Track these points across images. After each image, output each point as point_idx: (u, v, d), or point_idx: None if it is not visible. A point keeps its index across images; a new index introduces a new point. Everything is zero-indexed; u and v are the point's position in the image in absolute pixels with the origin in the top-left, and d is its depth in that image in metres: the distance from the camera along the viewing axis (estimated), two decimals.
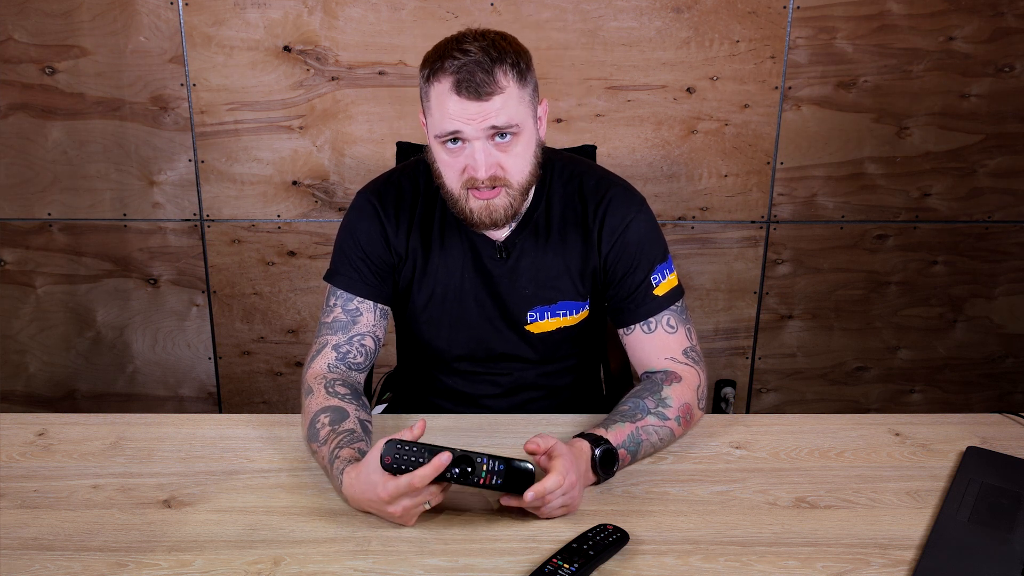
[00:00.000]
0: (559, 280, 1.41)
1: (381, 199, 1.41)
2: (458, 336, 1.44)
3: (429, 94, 1.26)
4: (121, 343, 2.57)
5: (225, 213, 2.45)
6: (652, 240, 1.40)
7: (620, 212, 1.39)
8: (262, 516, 1.14)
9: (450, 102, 1.23)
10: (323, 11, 2.28)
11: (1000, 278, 2.55)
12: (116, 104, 2.36)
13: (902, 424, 1.38)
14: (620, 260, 1.39)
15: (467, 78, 1.21)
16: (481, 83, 1.21)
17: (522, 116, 1.26)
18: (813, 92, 2.37)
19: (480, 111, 1.22)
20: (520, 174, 1.29)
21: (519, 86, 1.25)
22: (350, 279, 1.39)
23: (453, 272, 1.41)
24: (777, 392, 2.66)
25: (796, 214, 2.48)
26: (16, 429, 1.36)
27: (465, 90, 1.22)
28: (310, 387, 1.32)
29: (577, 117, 2.37)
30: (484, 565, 1.04)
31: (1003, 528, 1.10)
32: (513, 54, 1.25)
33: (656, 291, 1.39)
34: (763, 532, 1.11)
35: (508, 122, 1.24)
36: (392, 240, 1.40)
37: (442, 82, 1.23)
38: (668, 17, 2.30)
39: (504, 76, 1.23)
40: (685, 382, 1.35)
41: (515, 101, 1.24)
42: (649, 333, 1.40)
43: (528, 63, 1.28)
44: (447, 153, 1.28)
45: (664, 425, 1.28)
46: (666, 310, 1.40)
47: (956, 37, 2.33)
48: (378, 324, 1.40)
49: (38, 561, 1.05)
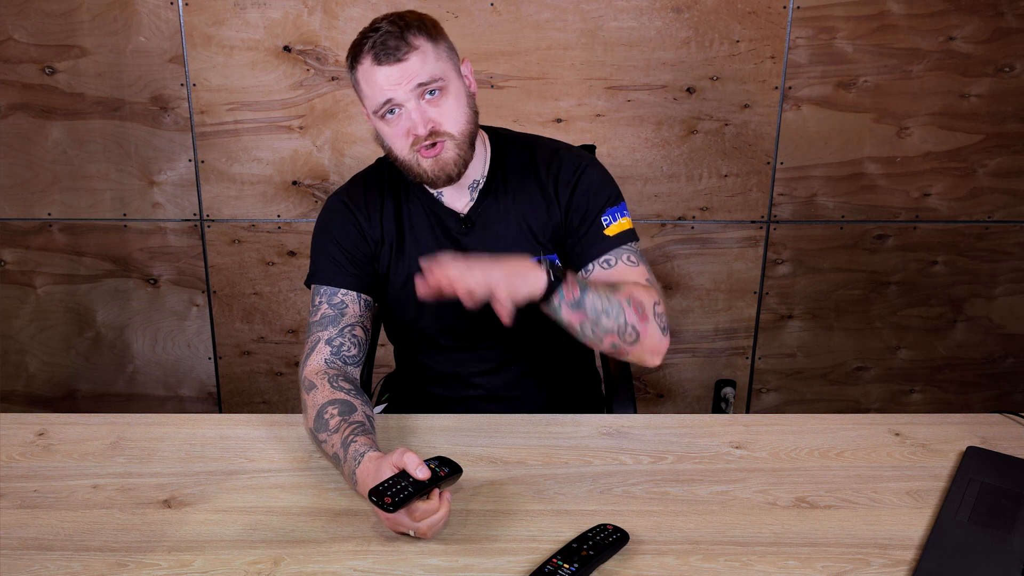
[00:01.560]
0: (526, 242, 1.45)
1: (350, 195, 1.49)
2: (438, 311, 1.47)
3: (358, 79, 1.34)
4: (121, 343, 2.57)
5: (225, 213, 2.45)
6: (602, 185, 1.45)
7: (570, 166, 1.45)
8: (262, 516, 1.14)
9: (375, 75, 1.31)
10: (323, 11, 2.28)
11: (1000, 278, 2.55)
12: (116, 104, 2.36)
13: (902, 424, 1.38)
14: (575, 208, 1.44)
15: (382, 48, 1.30)
16: (395, 47, 1.30)
17: (443, 70, 1.33)
18: (813, 92, 2.37)
19: (402, 73, 1.30)
20: (457, 124, 1.35)
21: (432, 43, 1.33)
22: (331, 273, 1.44)
23: (424, 249, 1.45)
24: (777, 392, 2.66)
25: (796, 214, 2.48)
26: (16, 429, 1.36)
27: (383, 57, 1.30)
28: (312, 382, 1.34)
29: (577, 117, 2.37)
30: (484, 565, 1.04)
31: (1003, 528, 1.10)
32: (417, 21, 1.33)
33: (607, 231, 1.43)
34: (763, 532, 1.11)
35: (431, 76, 1.31)
36: (367, 230, 1.46)
37: (363, 62, 1.32)
38: (668, 17, 2.30)
39: (415, 37, 1.31)
40: (643, 288, 1.35)
41: (432, 57, 1.32)
42: (609, 268, 1.41)
43: (434, 24, 1.36)
44: (388, 125, 1.35)
45: (611, 296, 1.29)
46: (623, 248, 1.42)
47: (956, 37, 2.33)
48: (364, 314, 1.44)
49: (38, 561, 1.05)
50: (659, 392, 2.65)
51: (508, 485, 1.21)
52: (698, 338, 2.59)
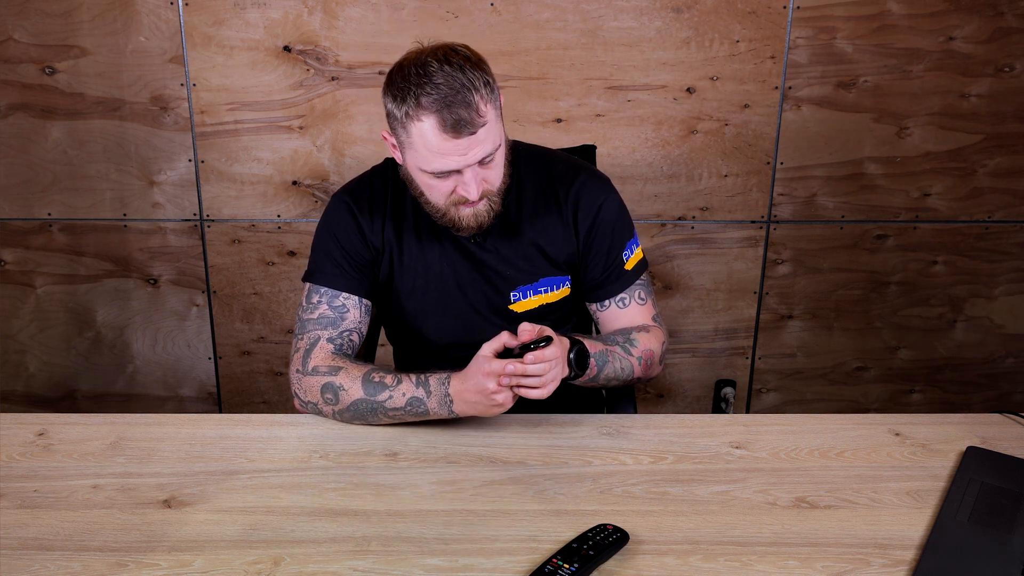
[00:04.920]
0: (537, 259, 1.45)
1: (354, 197, 1.45)
2: (444, 323, 1.48)
3: (409, 130, 1.26)
4: (121, 343, 2.57)
5: (225, 213, 2.45)
6: (623, 219, 1.48)
7: (592, 194, 1.45)
8: (262, 516, 1.14)
9: (441, 143, 1.24)
10: (323, 11, 2.28)
11: (1000, 278, 2.55)
12: (116, 104, 2.36)
13: (902, 424, 1.38)
14: (595, 240, 1.45)
15: (451, 117, 1.22)
16: (469, 121, 1.22)
17: (499, 133, 1.30)
18: (813, 92, 2.37)
19: (469, 146, 1.25)
20: (499, 180, 1.35)
21: (494, 106, 1.27)
22: (333, 275, 1.42)
23: (433, 261, 1.45)
24: (777, 392, 2.66)
25: (796, 214, 2.48)
26: (16, 429, 1.36)
27: (452, 129, 1.23)
28: (332, 366, 1.34)
29: (577, 117, 2.37)
30: (484, 565, 1.04)
31: (1003, 528, 1.10)
32: (479, 73, 1.25)
33: (626, 265, 1.47)
34: (763, 532, 1.11)
35: (494, 147, 1.28)
36: (368, 235, 1.44)
37: (424, 119, 1.23)
38: (668, 17, 2.30)
39: (483, 102, 1.24)
40: (652, 333, 1.46)
41: (494, 124, 1.27)
42: (623, 308, 1.48)
43: (490, 72, 1.28)
44: (433, 179, 1.30)
45: (628, 358, 1.39)
46: (636, 283, 1.49)
47: (956, 37, 2.33)
48: (363, 320, 1.44)
49: (38, 561, 1.05)
50: (659, 392, 2.65)
51: (508, 485, 1.21)
52: (698, 338, 2.59)
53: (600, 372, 1.36)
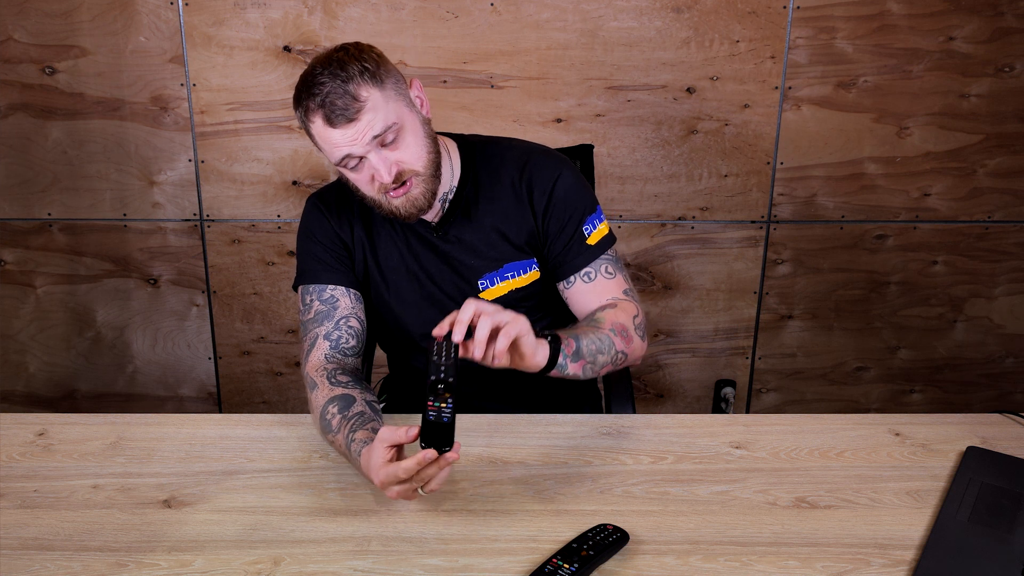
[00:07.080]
0: (500, 245, 1.46)
1: (323, 199, 1.50)
2: (421, 317, 1.48)
3: (311, 133, 1.32)
4: (121, 343, 2.57)
5: (225, 213, 2.45)
6: (579, 193, 1.46)
7: (545, 173, 1.45)
8: (262, 516, 1.14)
9: (329, 135, 1.29)
10: (323, 11, 2.28)
11: (1000, 278, 2.55)
12: (116, 104, 2.36)
13: (902, 424, 1.38)
14: (553, 217, 1.44)
15: (331, 109, 1.27)
16: (344, 108, 1.27)
17: (396, 112, 1.31)
18: (813, 92, 2.37)
19: (356, 131, 1.28)
20: (420, 159, 1.34)
21: (379, 89, 1.29)
22: (317, 272, 1.45)
23: (403, 257, 1.46)
24: (777, 392, 2.66)
25: (796, 214, 2.48)
26: (16, 429, 1.36)
27: (335, 119, 1.27)
28: (313, 381, 1.35)
29: (577, 117, 2.37)
30: (484, 565, 1.04)
31: (1003, 528, 1.10)
32: (358, 65, 1.29)
33: (589, 240, 1.45)
34: (763, 532, 1.11)
35: (385, 125, 1.29)
36: (340, 233, 1.47)
37: (315, 120, 1.29)
38: (668, 17, 2.30)
39: (360, 88, 1.27)
40: (619, 308, 1.41)
41: (381, 104, 1.29)
42: (589, 282, 1.46)
43: (376, 62, 1.31)
44: (351, 172, 1.34)
45: (599, 331, 1.34)
46: (601, 258, 1.46)
47: (956, 37, 2.33)
48: (356, 306, 1.45)
49: (38, 561, 1.05)
50: (659, 392, 2.65)
51: (508, 485, 1.21)
52: (698, 338, 2.59)
53: (580, 346, 1.30)
